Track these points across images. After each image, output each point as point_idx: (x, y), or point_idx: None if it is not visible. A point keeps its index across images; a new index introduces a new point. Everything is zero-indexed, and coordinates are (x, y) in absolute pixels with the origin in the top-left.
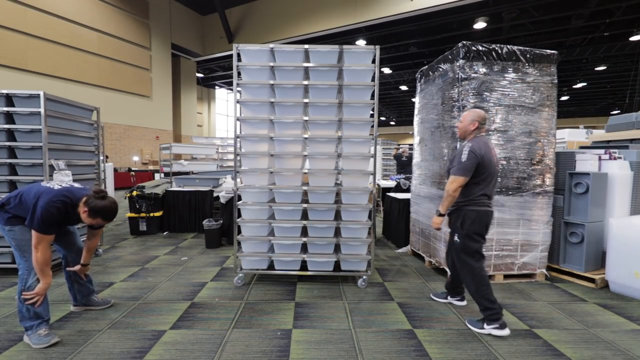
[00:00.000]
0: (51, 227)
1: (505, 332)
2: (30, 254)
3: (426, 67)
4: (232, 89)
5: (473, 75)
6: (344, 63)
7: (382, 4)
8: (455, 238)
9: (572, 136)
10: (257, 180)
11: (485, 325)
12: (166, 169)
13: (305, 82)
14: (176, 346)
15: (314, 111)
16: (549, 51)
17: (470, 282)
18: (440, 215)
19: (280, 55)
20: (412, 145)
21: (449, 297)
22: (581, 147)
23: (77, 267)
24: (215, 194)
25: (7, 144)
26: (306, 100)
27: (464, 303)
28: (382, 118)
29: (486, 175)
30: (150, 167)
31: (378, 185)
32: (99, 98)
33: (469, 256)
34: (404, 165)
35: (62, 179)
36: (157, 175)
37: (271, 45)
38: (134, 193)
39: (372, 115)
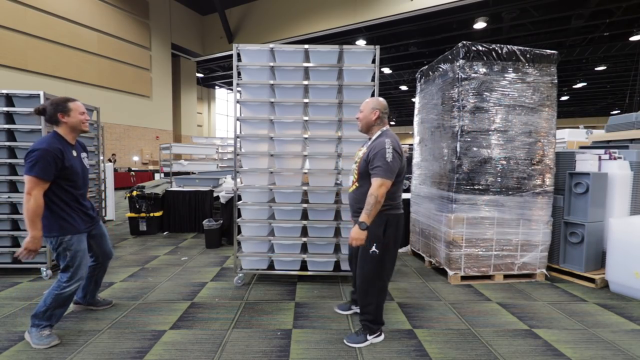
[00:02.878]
0: (48, 169)
1: (382, 336)
2: (78, 268)
3: (426, 67)
4: (232, 89)
5: (473, 75)
6: (344, 63)
7: (382, 4)
8: (373, 248)
9: (572, 136)
10: (257, 180)
11: (368, 337)
12: (166, 169)
13: (305, 82)
14: (176, 346)
15: (314, 111)
16: (549, 51)
17: (374, 299)
18: (366, 228)
19: (280, 55)
20: (412, 145)
21: (353, 307)
22: (581, 147)
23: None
24: (215, 194)
25: (7, 144)
26: (306, 100)
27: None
28: None
29: (403, 175)
30: (150, 167)
31: None
32: (99, 98)
33: (384, 269)
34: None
35: None
36: (157, 175)
37: (271, 45)
38: (134, 193)
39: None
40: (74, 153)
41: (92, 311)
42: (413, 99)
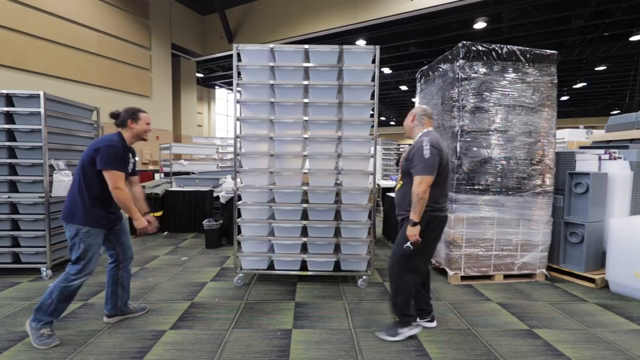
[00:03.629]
0: (120, 163)
1: (419, 329)
2: (89, 262)
3: (426, 67)
4: (232, 89)
5: (473, 75)
6: (344, 63)
7: (382, 4)
8: (408, 244)
9: (572, 136)
10: (257, 180)
11: (398, 330)
12: (166, 169)
13: (305, 82)
14: (176, 346)
15: (314, 111)
16: (549, 51)
17: (403, 293)
18: (415, 224)
19: (280, 55)
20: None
21: (417, 319)
22: (581, 147)
23: (148, 217)
24: (215, 194)
25: (7, 144)
26: (306, 100)
27: (434, 324)
28: (382, 118)
29: (445, 176)
30: (150, 167)
31: (378, 185)
32: (99, 98)
33: (414, 264)
34: None
35: (62, 179)
36: (157, 175)
37: (271, 45)
38: None
39: (372, 115)
40: (129, 156)
41: (91, 311)
42: (413, 99)
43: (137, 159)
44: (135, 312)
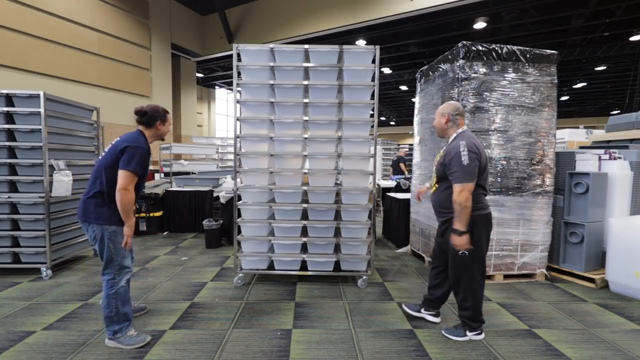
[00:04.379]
0: (142, 166)
1: (483, 335)
2: (124, 258)
3: (426, 67)
4: (232, 89)
5: (473, 75)
6: (344, 63)
7: (382, 4)
8: (463, 250)
9: (572, 136)
10: (257, 180)
11: (467, 333)
12: (166, 169)
13: (305, 82)
14: (176, 346)
15: (314, 111)
16: (549, 51)
17: (471, 299)
18: (463, 233)
19: (280, 55)
20: (412, 145)
21: (422, 310)
22: (581, 147)
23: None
24: (215, 194)
25: (7, 144)
26: (306, 100)
27: (438, 320)
28: (382, 118)
29: (486, 175)
30: (150, 167)
31: (378, 185)
32: (99, 98)
33: (478, 269)
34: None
35: (62, 179)
36: (157, 175)
37: (271, 45)
38: None
39: (372, 115)
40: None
41: (91, 311)
42: (413, 99)
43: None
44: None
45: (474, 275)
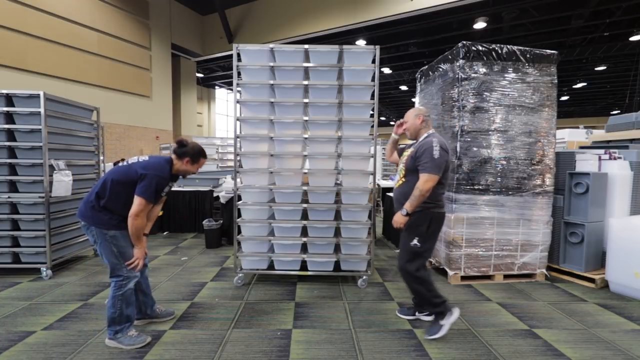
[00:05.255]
0: (156, 196)
1: (457, 313)
2: (130, 259)
3: (426, 67)
4: (232, 89)
5: (473, 75)
6: (344, 63)
7: (382, 4)
8: (415, 242)
9: (572, 136)
10: (257, 180)
11: (441, 322)
12: None
13: (305, 82)
14: (176, 346)
15: (314, 111)
16: (549, 51)
17: (422, 287)
18: (407, 214)
19: (280, 55)
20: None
21: (417, 313)
22: (581, 147)
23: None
24: (215, 194)
25: (7, 144)
26: (306, 100)
27: (432, 318)
28: (382, 118)
29: (448, 174)
30: None
31: (378, 185)
32: (99, 98)
33: (422, 259)
34: None
35: (62, 179)
36: None
37: (271, 45)
38: None
39: (372, 115)
40: (170, 183)
41: (91, 311)
42: (413, 99)
43: (174, 184)
44: (161, 317)
45: (419, 267)
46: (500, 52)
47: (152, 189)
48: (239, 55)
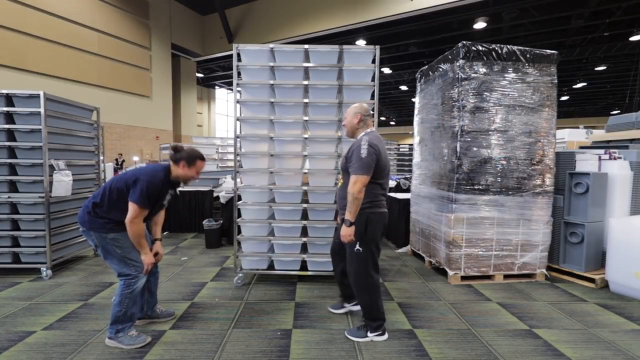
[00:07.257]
0: (150, 201)
1: (386, 336)
2: (137, 256)
3: (426, 67)
4: (232, 89)
5: (473, 75)
6: (344, 63)
7: (382, 4)
8: (357, 247)
9: (572, 136)
10: (257, 180)
11: (368, 334)
12: None
13: (305, 82)
14: (176, 346)
15: (314, 111)
16: (549, 51)
17: (366, 295)
18: (351, 224)
19: (280, 55)
20: (412, 145)
21: (346, 305)
22: (581, 147)
23: (158, 247)
24: (215, 194)
25: (7, 144)
26: (306, 100)
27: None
28: (382, 118)
29: (385, 174)
30: None
31: None
32: (99, 98)
33: (372, 266)
34: None
35: (62, 179)
36: None
37: (271, 45)
38: None
39: (372, 115)
40: (169, 192)
41: (91, 311)
42: (413, 99)
43: (178, 191)
44: (161, 317)
45: (368, 272)
46: (500, 52)
47: (143, 194)
48: (239, 55)
